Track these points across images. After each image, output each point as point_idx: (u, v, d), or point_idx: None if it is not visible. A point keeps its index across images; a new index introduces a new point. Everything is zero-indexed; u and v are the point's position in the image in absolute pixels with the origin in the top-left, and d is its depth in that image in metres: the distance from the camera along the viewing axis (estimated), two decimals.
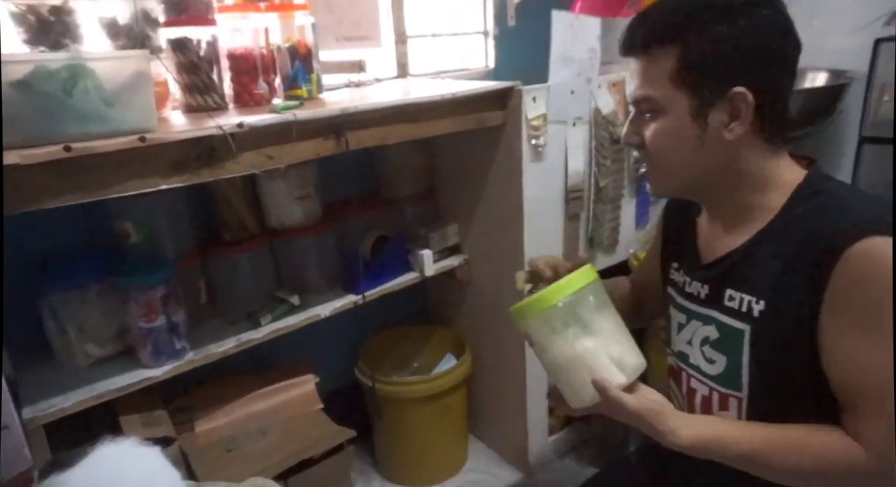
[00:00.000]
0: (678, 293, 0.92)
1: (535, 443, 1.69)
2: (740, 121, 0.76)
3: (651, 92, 0.78)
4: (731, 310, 0.82)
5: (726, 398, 0.84)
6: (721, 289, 0.83)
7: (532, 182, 1.44)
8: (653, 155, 0.81)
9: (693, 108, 0.76)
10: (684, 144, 0.78)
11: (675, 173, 0.82)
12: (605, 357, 0.74)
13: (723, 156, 0.78)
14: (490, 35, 1.89)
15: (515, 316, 0.79)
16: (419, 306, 1.91)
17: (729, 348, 0.82)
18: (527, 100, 1.38)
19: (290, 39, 1.26)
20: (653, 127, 0.80)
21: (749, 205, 0.81)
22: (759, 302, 0.78)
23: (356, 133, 1.17)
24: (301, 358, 1.50)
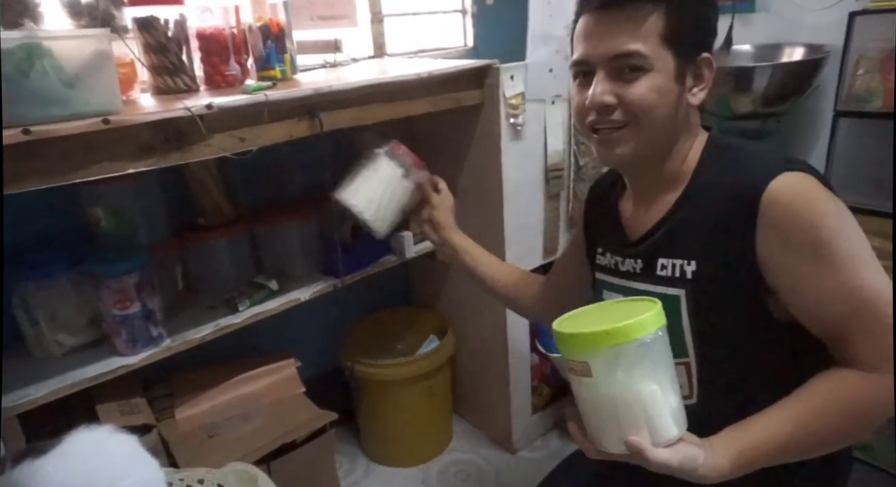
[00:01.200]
0: (611, 274, 0.91)
1: (518, 421, 1.70)
2: (702, 87, 0.80)
3: (639, 47, 0.75)
4: (664, 279, 0.82)
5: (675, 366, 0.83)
6: (653, 260, 0.84)
7: (511, 161, 1.44)
8: (638, 114, 0.78)
9: (677, 69, 0.77)
10: (669, 103, 0.78)
11: (655, 134, 0.80)
12: (665, 406, 0.68)
13: (684, 118, 0.81)
14: (468, 13, 1.86)
15: (574, 343, 0.69)
16: (401, 289, 1.91)
17: (668, 316, 0.77)
18: (504, 79, 1.37)
19: (262, 19, 1.23)
20: (641, 84, 0.76)
21: (668, 174, 0.84)
22: (690, 263, 0.80)
23: (331, 114, 1.15)
24: (283, 343, 1.49)
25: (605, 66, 0.78)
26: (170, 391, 1.31)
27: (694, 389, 0.85)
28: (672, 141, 0.82)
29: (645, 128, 0.79)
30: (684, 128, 0.82)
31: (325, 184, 1.31)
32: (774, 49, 1.60)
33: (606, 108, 0.79)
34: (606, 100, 0.78)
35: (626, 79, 0.77)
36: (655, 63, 0.76)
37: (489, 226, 1.50)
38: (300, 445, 1.26)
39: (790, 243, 0.72)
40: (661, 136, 0.81)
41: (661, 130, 0.80)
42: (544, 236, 1.58)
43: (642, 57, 0.75)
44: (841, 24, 1.35)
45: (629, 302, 0.78)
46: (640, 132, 0.79)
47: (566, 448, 1.73)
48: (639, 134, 0.79)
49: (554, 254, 1.62)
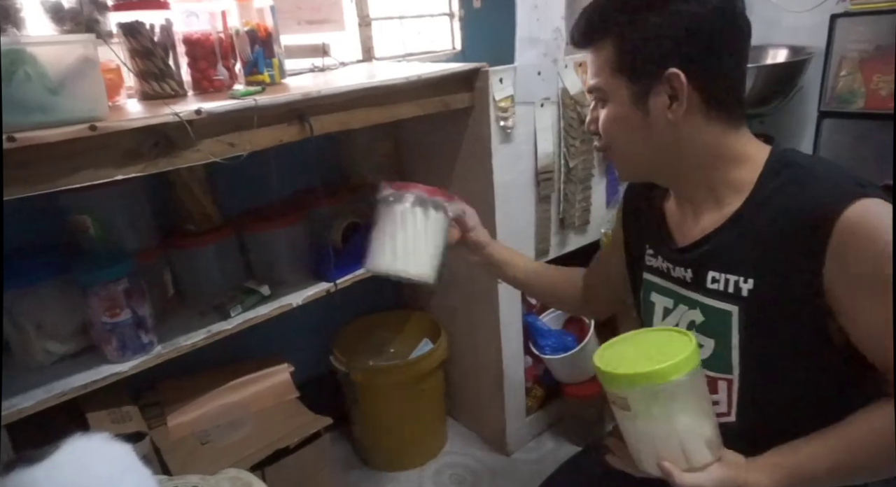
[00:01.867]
0: (663, 278, 0.91)
1: (512, 423, 1.70)
2: (679, 102, 0.78)
3: (597, 81, 0.82)
4: (716, 292, 0.81)
5: (715, 381, 0.84)
6: (703, 272, 0.83)
7: (501, 164, 1.44)
8: (607, 141, 0.85)
9: (633, 94, 0.79)
10: (630, 129, 0.81)
11: (630, 157, 0.85)
12: (700, 435, 0.74)
13: (672, 136, 0.80)
14: (456, 16, 1.87)
15: (614, 381, 0.73)
16: (393, 292, 1.90)
17: (716, 330, 0.82)
18: (493, 82, 1.37)
19: (250, 23, 1.23)
20: (602, 114, 0.84)
21: (717, 184, 0.82)
22: (748, 280, 0.78)
23: (320, 118, 1.15)
24: (275, 348, 1.48)
25: (590, 97, 0.87)
26: (160, 398, 1.30)
27: (734, 407, 0.84)
28: (670, 157, 0.82)
29: (617, 152, 0.85)
30: (686, 142, 0.80)
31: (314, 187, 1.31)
32: (758, 51, 1.62)
33: (596, 133, 0.87)
34: (591, 128, 0.87)
35: (599, 109, 0.85)
36: (610, 93, 0.81)
37: None
38: (294, 450, 1.25)
39: (861, 274, 0.71)
40: (640, 157, 0.84)
41: (636, 152, 0.83)
42: (535, 238, 1.59)
43: (599, 90, 0.82)
44: (822, 26, 1.37)
45: (667, 334, 0.79)
46: (616, 155, 0.86)
47: (560, 450, 1.73)
48: (617, 157, 0.87)
49: (545, 256, 1.63)
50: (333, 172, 1.66)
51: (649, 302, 0.94)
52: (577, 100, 1.52)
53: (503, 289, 1.55)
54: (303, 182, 1.54)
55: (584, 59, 1.51)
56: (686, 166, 0.82)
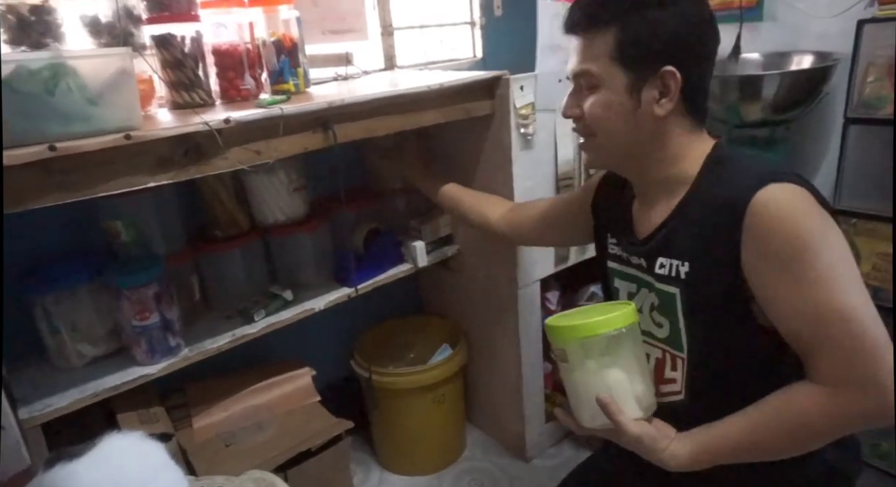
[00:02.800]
0: (623, 264, 0.98)
1: (531, 430, 1.70)
2: (669, 98, 0.82)
3: (591, 67, 0.85)
4: (663, 277, 0.88)
5: (675, 358, 0.90)
6: (654, 259, 0.89)
7: (522, 170, 1.45)
8: (591, 125, 0.88)
9: (629, 84, 0.83)
10: (618, 116, 0.85)
11: (608, 144, 0.89)
12: (629, 391, 0.81)
13: (651, 130, 0.85)
14: (477, 25, 1.89)
15: (555, 334, 0.83)
16: (413, 297, 1.92)
17: (668, 311, 0.89)
18: (514, 89, 1.38)
19: (275, 34, 1.26)
20: (591, 100, 0.86)
21: (667, 178, 0.88)
22: (684, 264, 0.84)
23: (344, 126, 1.17)
24: (297, 352, 1.51)
25: (574, 81, 0.90)
26: (185, 400, 1.33)
27: (683, 384, 0.89)
28: (644, 149, 0.87)
29: (600, 138, 0.89)
30: (659, 137, 0.86)
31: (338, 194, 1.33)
32: (783, 57, 1.61)
33: (575, 118, 0.91)
34: (571, 112, 0.91)
35: (584, 94, 0.88)
36: (604, 80, 0.84)
37: None
38: (316, 453, 1.27)
39: (768, 253, 0.75)
40: (621, 145, 0.88)
41: (619, 140, 0.87)
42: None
43: (592, 75, 0.85)
44: (849, 32, 1.36)
45: (612, 305, 0.89)
46: (597, 141, 0.89)
47: (580, 457, 1.73)
48: (597, 143, 0.90)
49: (565, 263, 1.63)
50: (356, 179, 1.68)
51: (614, 288, 1.01)
52: None
53: (523, 295, 1.55)
54: (327, 188, 1.57)
55: None
56: (652, 158, 0.88)
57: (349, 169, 1.67)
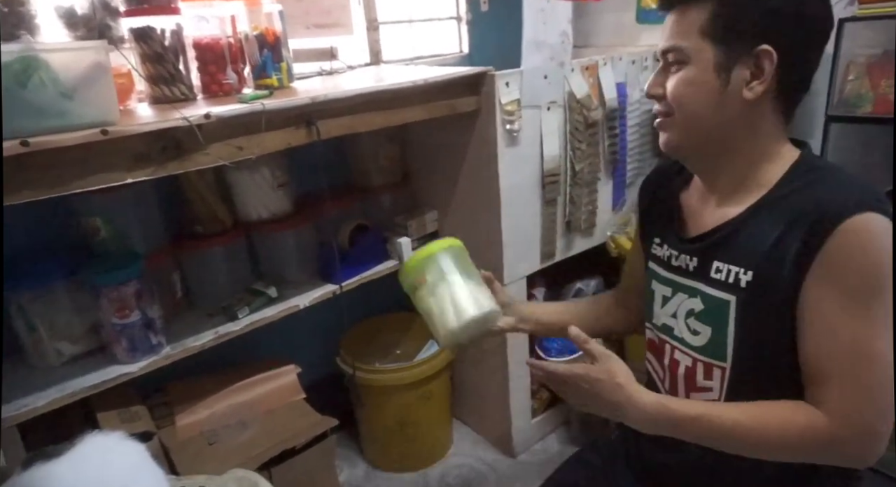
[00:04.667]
0: (663, 267, 0.93)
1: (518, 425, 1.71)
2: (761, 81, 0.77)
3: (679, 42, 0.79)
4: (717, 282, 0.82)
5: (711, 368, 0.85)
6: (709, 261, 0.84)
7: (508, 167, 1.44)
8: (673, 105, 0.82)
9: (718, 61, 0.77)
10: (704, 96, 0.79)
11: (688, 125, 0.82)
12: (466, 289, 0.96)
13: (737, 115, 0.79)
14: (463, 20, 1.88)
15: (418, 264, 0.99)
16: (398, 293, 1.90)
17: (714, 319, 0.83)
18: (500, 86, 1.38)
19: (258, 27, 1.24)
20: (677, 76, 0.80)
21: (745, 177, 0.82)
22: (747, 272, 0.79)
23: (327, 122, 1.16)
24: (282, 349, 1.50)
25: (661, 59, 0.84)
26: (168, 399, 1.31)
27: (723, 393, 0.85)
28: (725, 136, 0.81)
29: (681, 118, 0.82)
30: (746, 125, 0.80)
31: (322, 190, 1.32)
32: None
33: (657, 97, 0.84)
34: (654, 91, 0.84)
35: (671, 71, 0.82)
36: (693, 56, 0.78)
37: (487, 231, 1.50)
38: (300, 451, 1.26)
39: (839, 279, 0.72)
40: (701, 129, 0.81)
41: (700, 122, 0.81)
42: (541, 241, 1.59)
43: (679, 50, 0.79)
44: None
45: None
46: (677, 122, 0.83)
47: (566, 452, 1.73)
48: (677, 123, 0.83)
49: (551, 259, 1.63)
50: (342, 175, 1.67)
51: (650, 290, 0.95)
52: (583, 104, 1.53)
53: (509, 291, 1.55)
54: (312, 184, 1.55)
55: (591, 62, 1.54)
56: (734, 151, 0.82)
57: (335, 165, 1.66)
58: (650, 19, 1.87)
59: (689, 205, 0.91)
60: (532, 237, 1.57)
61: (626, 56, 1.63)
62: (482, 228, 1.52)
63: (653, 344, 0.96)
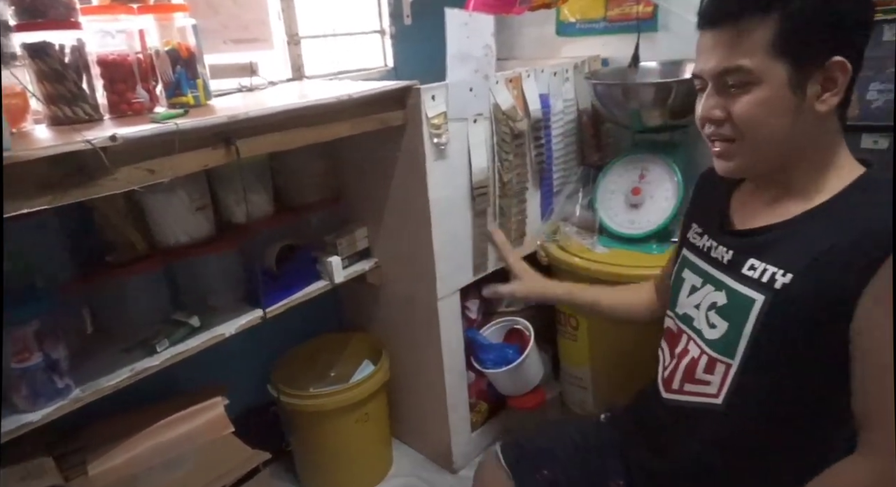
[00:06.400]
0: (699, 256, 0.92)
1: (458, 440, 1.69)
2: (834, 92, 0.75)
3: (744, 62, 0.75)
4: (748, 279, 0.81)
5: (714, 363, 0.85)
6: (744, 258, 0.83)
7: (437, 180, 1.44)
8: (743, 129, 0.78)
9: (792, 78, 0.74)
10: (780, 116, 0.76)
11: (765, 148, 0.79)
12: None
13: (811, 129, 0.77)
14: (387, 34, 1.86)
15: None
16: (332, 314, 1.86)
17: (734, 315, 0.83)
18: (426, 99, 1.37)
19: (170, 43, 1.18)
20: (746, 99, 0.76)
21: (805, 184, 0.81)
22: (786, 275, 0.77)
23: (248, 141, 1.11)
24: (208, 380, 1.41)
25: (714, 81, 0.79)
26: (80, 444, 1.20)
27: (724, 391, 0.84)
28: (797, 151, 0.79)
29: (751, 142, 0.79)
30: (815, 137, 0.78)
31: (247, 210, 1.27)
32: (678, 65, 1.69)
33: (717, 122, 0.80)
34: (714, 115, 0.80)
35: (733, 94, 0.77)
36: (763, 76, 0.75)
37: (418, 245, 1.49)
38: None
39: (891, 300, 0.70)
40: (774, 149, 0.79)
41: (774, 143, 0.78)
42: (474, 253, 1.59)
43: (746, 71, 0.75)
44: None
45: None
46: (747, 147, 0.80)
47: None
48: (746, 148, 0.80)
49: (484, 271, 1.64)
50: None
51: (680, 277, 0.95)
52: (508, 116, 1.55)
53: (443, 306, 1.54)
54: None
55: (514, 74, 1.56)
56: (798, 160, 0.80)
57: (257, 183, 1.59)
58: (569, 32, 1.93)
59: (740, 199, 0.90)
60: (464, 249, 1.57)
61: (549, 68, 1.67)
62: (414, 243, 1.50)
63: (670, 333, 0.96)
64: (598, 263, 1.52)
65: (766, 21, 0.73)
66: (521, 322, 1.59)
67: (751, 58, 0.75)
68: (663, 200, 1.56)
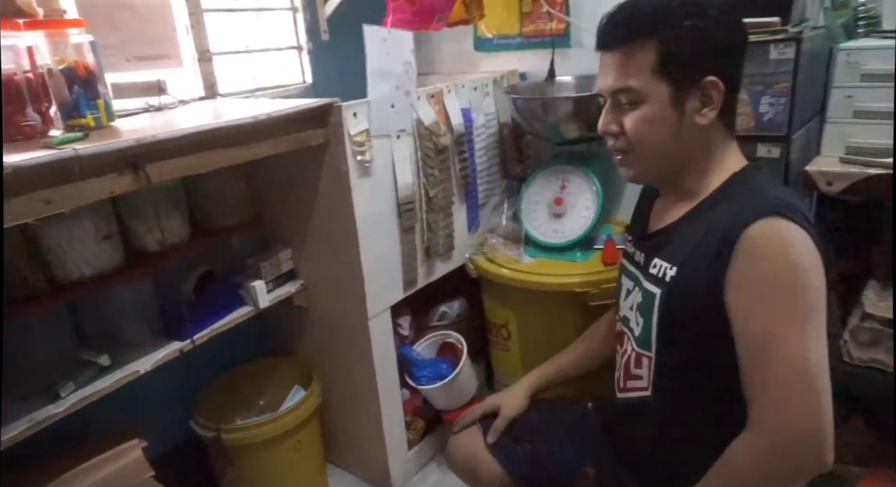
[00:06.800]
0: (629, 262, 1.01)
1: (395, 460, 1.66)
2: (712, 107, 0.84)
3: (632, 82, 0.84)
4: (652, 276, 0.91)
5: (641, 357, 0.93)
6: (650, 258, 0.92)
7: (362, 198, 1.41)
8: (633, 141, 0.88)
9: (672, 96, 0.83)
10: (664, 129, 0.85)
11: (654, 158, 0.89)
12: None
13: (695, 140, 0.86)
14: (304, 49, 1.82)
15: None
16: (258, 340, 1.79)
17: (646, 311, 0.91)
18: (348, 117, 1.35)
19: (65, 61, 1.10)
20: (635, 115, 0.86)
21: (694, 186, 0.90)
22: (672, 268, 0.87)
23: (159, 164, 1.04)
24: (128, 420, 1.31)
25: (610, 98, 0.89)
26: None
27: (651, 384, 0.92)
28: (684, 159, 0.88)
29: (640, 154, 0.89)
30: (700, 145, 0.87)
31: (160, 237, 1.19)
32: (591, 79, 1.76)
33: (614, 135, 0.90)
34: (610, 129, 0.90)
35: (626, 110, 0.87)
36: (648, 95, 0.84)
37: (346, 265, 1.46)
38: None
39: (754, 276, 0.77)
40: (662, 159, 0.89)
41: (661, 154, 0.88)
42: (403, 269, 1.58)
43: (634, 91, 0.84)
44: None
45: None
46: (637, 157, 0.90)
47: (446, 479, 1.72)
48: (637, 159, 0.90)
49: (413, 287, 1.62)
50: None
51: (619, 283, 1.03)
52: (431, 131, 1.55)
53: (374, 325, 1.51)
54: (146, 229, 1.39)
55: (435, 90, 1.57)
56: (688, 165, 0.89)
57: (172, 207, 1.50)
58: (487, 47, 1.97)
59: (658, 206, 1.00)
60: (393, 266, 1.55)
61: (469, 83, 1.69)
62: (341, 263, 1.47)
63: (619, 336, 1.03)
64: (526, 273, 1.55)
65: (648, 46, 0.83)
66: (454, 335, 1.59)
67: (637, 79, 0.84)
68: (584, 209, 1.61)
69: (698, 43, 0.82)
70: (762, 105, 1.27)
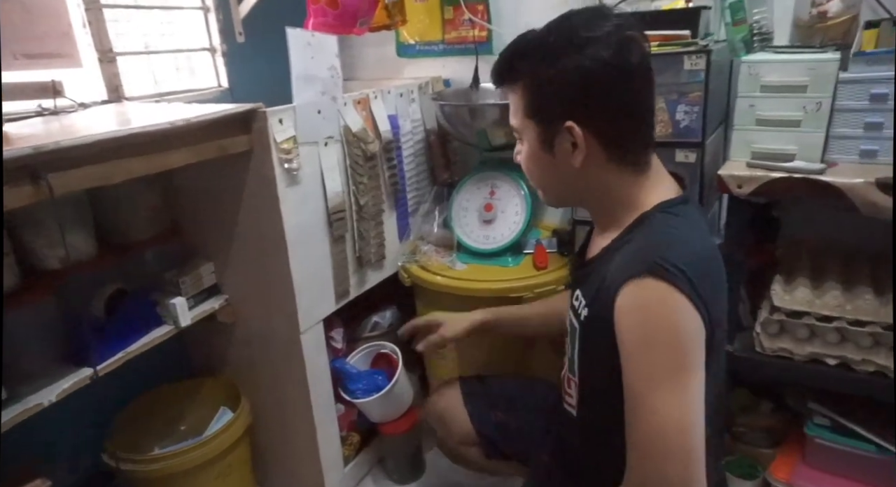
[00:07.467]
0: (568, 289, 1.06)
1: (332, 477, 1.60)
2: (579, 150, 0.84)
3: (512, 121, 0.90)
4: (574, 309, 0.93)
5: (570, 379, 0.97)
6: (576, 289, 0.94)
7: (291, 207, 1.35)
8: (525, 174, 0.95)
9: (541, 138, 0.87)
10: (541, 167, 0.90)
11: (546, 188, 0.95)
12: None
13: (579, 178, 0.87)
14: (218, 52, 1.73)
15: None
16: (178, 360, 1.66)
17: (572, 339, 0.94)
18: (273, 123, 1.28)
19: None
20: (522, 150, 0.93)
21: (607, 222, 0.92)
22: (585, 308, 0.88)
23: (62, 175, 0.94)
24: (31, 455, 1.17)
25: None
26: None
27: (576, 403, 0.97)
28: (579, 196, 0.92)
29: (535, 183, 0.96)
30: (591, 185, 0.88)
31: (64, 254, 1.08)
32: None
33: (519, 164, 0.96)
34: (516, 159, 0.97)
35: (519, 144, 0.93)
36: (523, 134, 0.89)
37: (275, 276, 1.39)
38: None
39: (622, 338, 0.77)
40: (553, 192, 0.94)
41: (549, 188, 0.94)
42: (334, 280, 1.53)
43: (516, 129, 0.91)
44: None
45: None
46: (535, 185, 0.96)
47: None
48: (536, 186, 0.97)
49: (346, 298, 1.58)
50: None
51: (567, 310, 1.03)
52: (360, 137, 1.52)
53: (306, 339, 1.45)
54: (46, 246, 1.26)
55: (362, 96, 1.54)
56: (595, 203, 0.92)
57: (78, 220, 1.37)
58: (409, 53, 1.96)
59: (594, 233, 1.01)
60: (325, 277, 1.50)
61: (395, 89, 1.67)
62: (269, 275, 1.40)
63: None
64: (459, 280, 1.55)
65: (517, 89, 0.87)
66: (388, 345, 1.56)
67: (515, 118, 0.90)
68: (514, 215, 1.63)
69: (553, 88, 0.82)
70: (678, 113, 1.34)
